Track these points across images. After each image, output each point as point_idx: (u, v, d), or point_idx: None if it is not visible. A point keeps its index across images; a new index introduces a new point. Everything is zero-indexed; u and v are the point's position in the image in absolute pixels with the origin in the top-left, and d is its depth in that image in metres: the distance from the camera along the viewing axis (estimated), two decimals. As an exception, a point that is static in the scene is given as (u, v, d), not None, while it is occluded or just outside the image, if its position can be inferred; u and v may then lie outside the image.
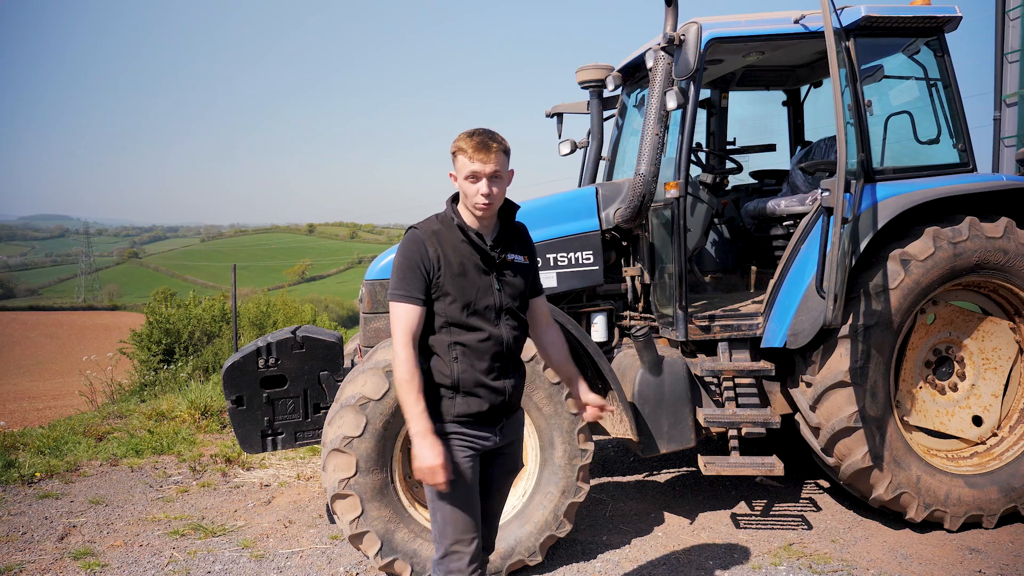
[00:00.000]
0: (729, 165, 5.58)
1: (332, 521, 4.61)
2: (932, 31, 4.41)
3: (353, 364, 4.49)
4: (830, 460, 4.23)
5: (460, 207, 2.56)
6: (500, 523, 3.77)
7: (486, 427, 2.57)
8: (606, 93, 5.38)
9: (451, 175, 2.52)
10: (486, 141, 2.42)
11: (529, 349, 3.80)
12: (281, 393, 4.32)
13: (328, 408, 4.29)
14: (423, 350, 2.52)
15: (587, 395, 2.82)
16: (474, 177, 2.43)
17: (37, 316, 60.35)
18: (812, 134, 6.00)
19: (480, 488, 2.63)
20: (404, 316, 2.46)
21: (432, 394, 2.51)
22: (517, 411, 2.72)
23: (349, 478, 3.58)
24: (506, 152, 2.47)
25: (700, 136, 5.89)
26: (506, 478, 2.76)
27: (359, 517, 3.60)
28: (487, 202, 2.45)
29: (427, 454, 2.38)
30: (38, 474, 5.58)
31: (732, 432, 4.21)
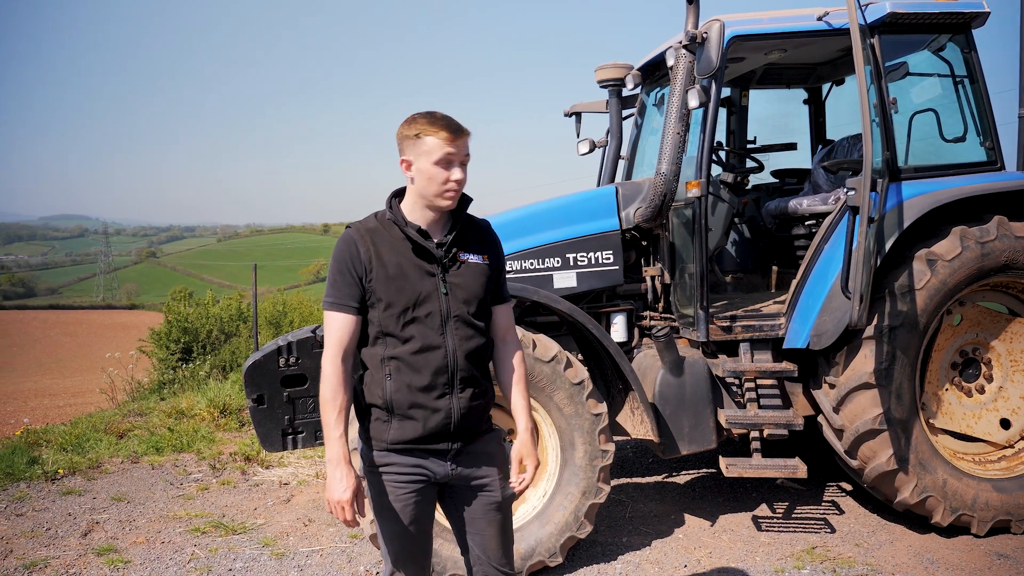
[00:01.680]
0: (750, 164, 5.53)
1: (351, 520, 4.61)
2: (959, 27, 4.35)
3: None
4: (854, 463, 4.18)
5: (406, 202, 2.28)
6: (520, 524, 3.77)
7: (431, 456, 2.25)
8: (625, 92, 5.35)
9: (404, 162, 2.23)
10: (456, 123, 2.19)
11: (550, 349, 3.79)
12: (301, 392, 4.32)
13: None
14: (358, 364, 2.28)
15: (525, 447, 2.38)
16: (447, 162, 2.17)
17: (57, 315, 61.06)
18: (834, 132, 5.93)
19: (466, 524, 2.37)
20: (333, 326, 2.20)
21: (366, 416, 2.27)
22: (483, 437, 2.36)
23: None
24: (469, 136, 2.27)
25: (720, 135, 5.84)
26: (492, 515, 2.37)
27: (379, 516, 3.59)
28: (458, 189, 2.21)
29: (335, 486, 2.14)
30: (61, 471, 5.63)
31: (754, 434, 4.16)
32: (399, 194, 2.33)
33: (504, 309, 2.43)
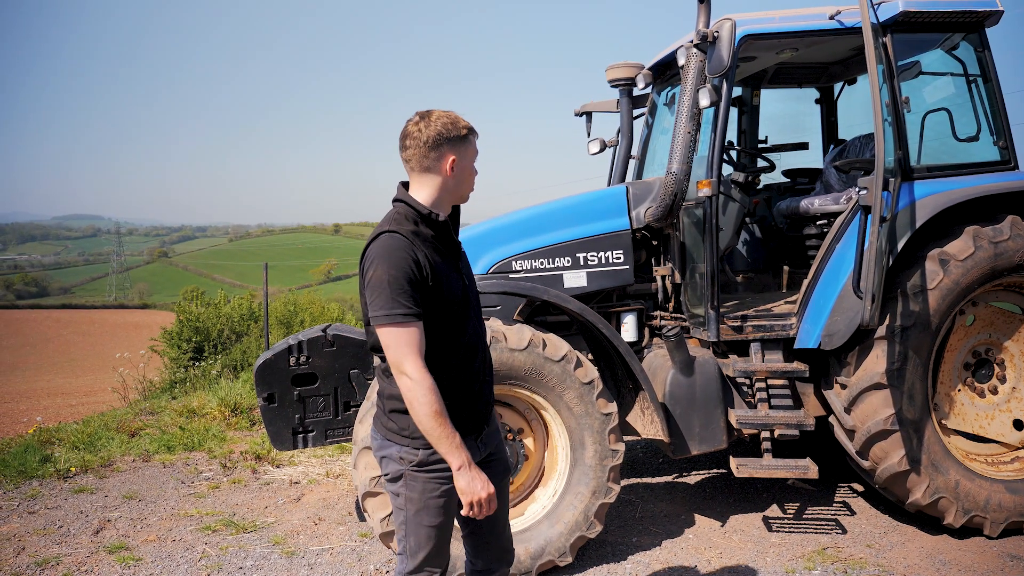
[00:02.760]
0: (761, 163, 5.51)
1: (362, 519, 4.63)
2: (973, 26, 4.32)
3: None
4: (865, 463, 4.15)
5: (429, 200, 2.28)
6: (530, 524, 3.77)
7: (471, 442, 2.31)
8: (636, 91, 5.34)
9: (448, 160, 2.24)
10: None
11: (560, 348, 3.79)
12: (312, 391, 4.35)
13: (359, 406, 4.31)
14: None
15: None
16: (474, 159, 2.35)
17: (70, 314, 61.50)
18: (846, 132, 5.90)
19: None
20: (413, 338, 2.13)
21: (401, 414, 2.27)
22: (493, 417, 2.49)
23: (380, 476, 3.58)
24: None
25: (731, 134, 5.83)
26: (502, 481, 2.48)
27: (390, 515, 3.60)
28: None
29: (476, 486, 2.14)
30: (73, 469, 5.67)
31: (765, 434, 4.15)
32: (407, 186, 2.35)
33: None
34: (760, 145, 5.83)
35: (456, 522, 2.45)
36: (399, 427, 2.30)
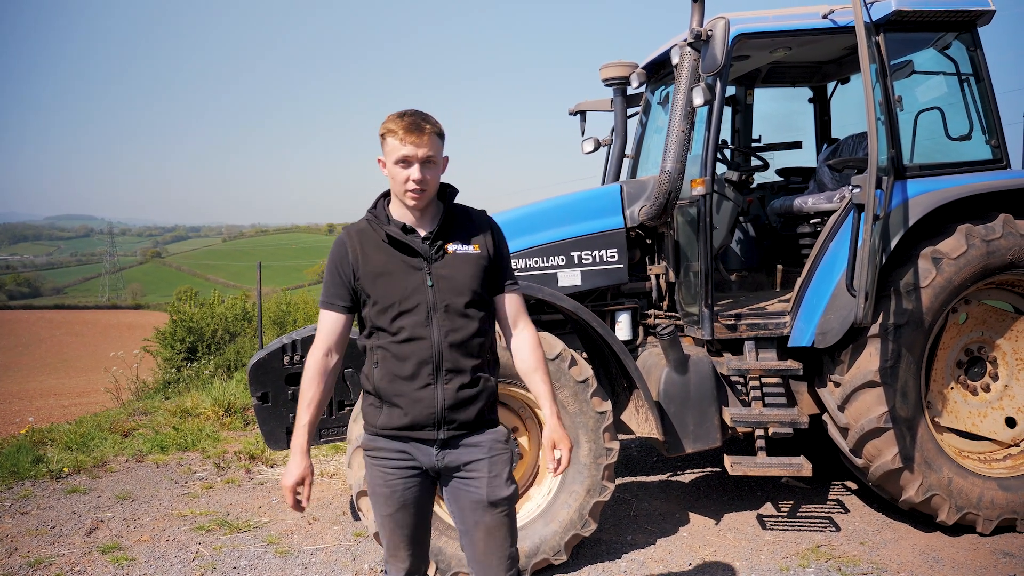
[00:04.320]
0: (755, 162, 5.53)
1: (356, 518, 4.62)
2: (965, 25, 4.33)
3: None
4: (859, 461, 4.16)
5: (392, 200, 2.34)
6: (524, 522, 3.77)
7: (417, 443, 2.30)
8: (630, 90, 5.34)
9: (379, 161, 2.29)
10: (418, 122, 2.20)
11: (554, 346, 3.78)
12: (306, 390, 4.33)
13: (352, 405, 4.30)
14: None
15: (555, 432, 2.37)
16: (405, 162, 2.20)
17: (63, 315, 61.26)
18: (839, 131, 5.92)
19: (456, 520, 2.40)
20: (322, 323, 2.34)
21: (363, 400, 2.40)
22: (480, 431, 2.34)
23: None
24: (440, 135, 2.26)
25: (725, 133, 5.83)
26: (480, 514, 2.32)
27: (384, 514, 3.60)
28: (419, 188, 2.22)
29: (286, 473, 2.26)
30: (66, 469, 5.65)
31: (759, 432, 4.16)
32: (388, 193, 2.37)
33: (509, 298, 2.42)
34: (754, 144, 5.84)
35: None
36: (361, 411, 2.43)
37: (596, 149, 5.72)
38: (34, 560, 4.09)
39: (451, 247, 2.32)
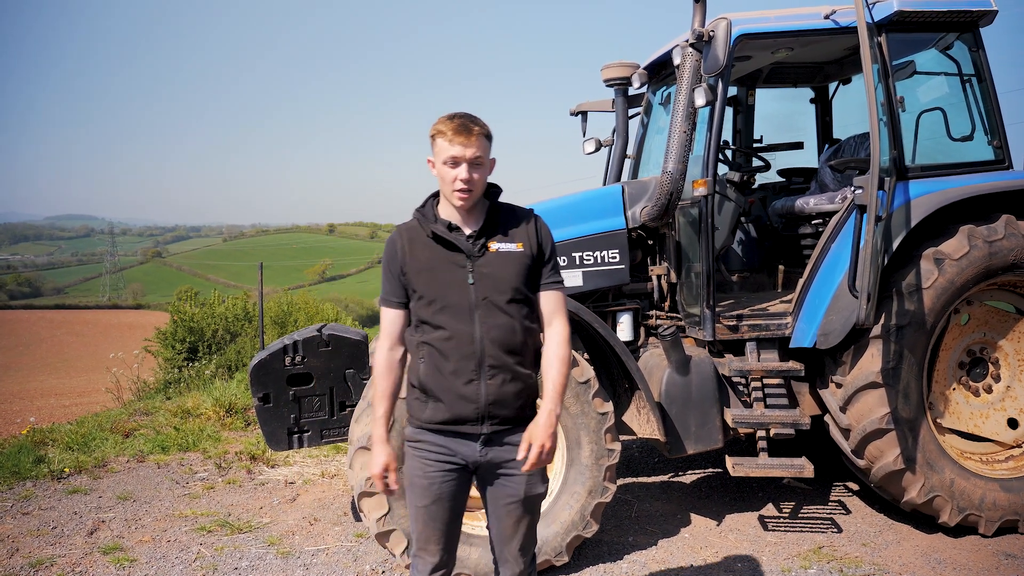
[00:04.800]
0: (756, 163, 5.52)
1: (357, 519, 4.62)
2: (967, 25, 4.33)
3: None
4: (861, 462, 4.16)
5: (441, 199, 2.44)
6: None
7: (460, 438, 2.37)
8: (631, 91, 5.34)
9: (429, 161, 2.39)
10: (467, 124, 2.29)
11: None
12: (307, 391, 4.33)
13: (354, 406, 4.30)
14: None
15: (538, 427, 2.32)
16: (453, 162, 2.29)
17: (63, 314, 61.28)
18: (841, 131, 5.91)
19: (488, 507, 2.49)
20: (383, 319, 2.45)
21: (409, 394, 2.46)
22: (519, 429, 2.39)
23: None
24: (488, 137, 2.34)
25: (727, 134, 5.83)
26: (512, 507, 2.43)
27: (386, 515, 3.60)
28: (466, 188, 2.30)
29: (371, 463, 2.39)
30: (67, 469, 5.65)
31: (760, 433, 4.15)
32: (437, 193, 2.47)
33: (547, 295, 2.47)
34: (755, 144, 5.84)
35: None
36: (407, 405, 2.50)
37: (597, 150, 5.72)
38: (35, 561, 4.09)
39: (494, 245, 2.39)
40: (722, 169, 5.15)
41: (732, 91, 5.79)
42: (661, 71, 5.16)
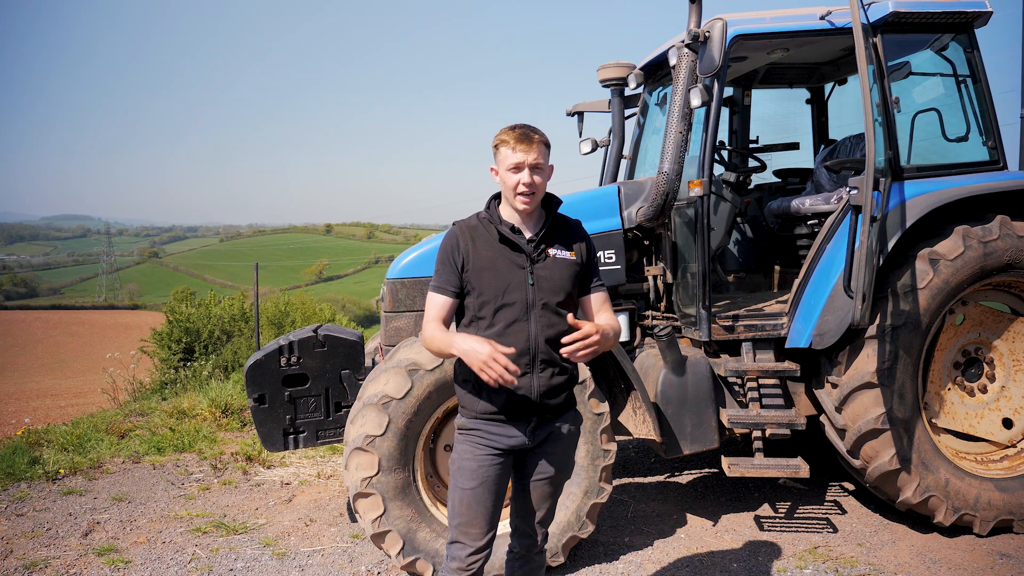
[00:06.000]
0: (752, 163, 5.53)
1: (353, 520, 4.61)
2: (962, 26, 4.34)
3: (374, 363, 4.49)
4: (856, 462, 4.17)
5: (502, 203, 2.60)
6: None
7: (511, 424, 2.53)
8: (628, 91, 5.34)
9: (492, 170, 2.57)
10: (528, 133, 2.47)
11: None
12: (303, 392, 4.32)
13: (350, 407, 4.29)
14: None
15: (595, 325, 2.40)
16: (516, 168, 2.46)
17: (59, 315, 61.15)
18: (836, 132, 5.93)
19: (514, 483, 2.66)
20: (434, 303, 2.54)
21: (462, 388, 2.58)
22: (560, 417, 2.60)
23: (371, 477, 3.57)
24: (547, 145, 2.51)
25: (722, 134, 5.84)
26: (540, 484, 2.62)
27: (381, 516, 3.60)
28: (529, 191, 2.47)
29: (475, 352, 2.30)
30: (62, 471, 5.63)
31: (756, 433, 4.16)
32: (498, 196, 2.62)
33: (595, 298, 2.65)
34: (751, 145, 5.84)
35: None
36: (458, 397, 2.62)
37: (594, 150, 5.72)
38: (30, 562, 4.08)
39: (552, 251, 2.56)
40: (718, 170, 5.15)
41: (728, 92, 5.79)
42: (657, 72, 5.16)
